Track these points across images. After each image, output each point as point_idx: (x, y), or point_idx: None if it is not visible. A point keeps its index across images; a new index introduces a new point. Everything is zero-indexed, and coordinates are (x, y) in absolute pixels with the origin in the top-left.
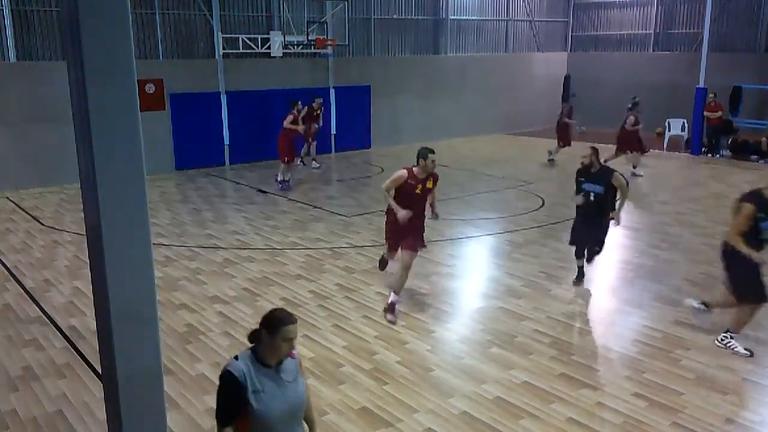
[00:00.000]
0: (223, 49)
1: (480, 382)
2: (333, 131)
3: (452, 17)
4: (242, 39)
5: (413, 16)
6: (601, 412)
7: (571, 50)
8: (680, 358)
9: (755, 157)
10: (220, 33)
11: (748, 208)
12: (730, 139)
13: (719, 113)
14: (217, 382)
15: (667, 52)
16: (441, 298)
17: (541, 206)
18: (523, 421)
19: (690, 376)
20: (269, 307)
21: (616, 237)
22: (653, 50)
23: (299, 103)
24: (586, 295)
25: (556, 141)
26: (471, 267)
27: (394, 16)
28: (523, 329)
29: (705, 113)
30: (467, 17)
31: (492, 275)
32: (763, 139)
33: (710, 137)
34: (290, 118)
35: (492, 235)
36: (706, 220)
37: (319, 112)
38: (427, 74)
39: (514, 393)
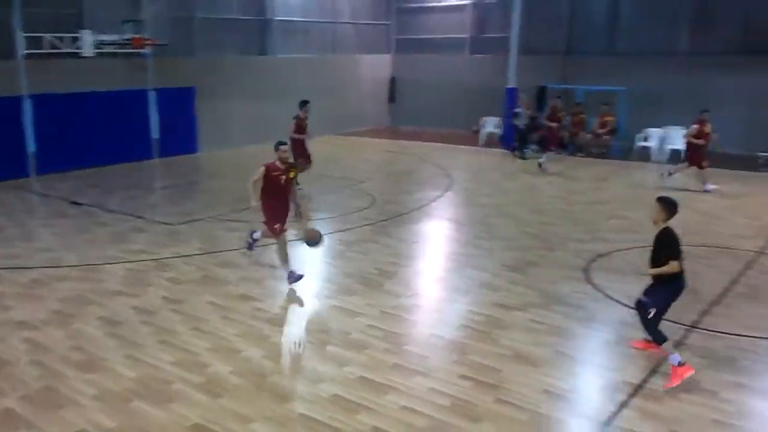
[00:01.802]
0: (26, 49)
1: (316, 381)
2: (155, 136)
3: (278, 18)
4: (48, 38)
5: (238, 16)
6: (432, 397)
7: (395, 53)
8: (499, 338)
9: (554, 149)
10: (20, 31)
11: None
12: (538, 135)
13: (528, 111)
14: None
15: (481, 55)
16: (276, 302)
17: (372, 204)
18: (359, 416)
19: (508, 353)
20: (86, 329)
21: (443, 231)
22: (469, 53)
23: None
24: (417, 287)
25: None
26: (304, 268)
27: (219, 16)
28: (356, 325)
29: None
30: (293, 18)
31: (325, 275)
32: (565, 134)
33: (520, 135)
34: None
35: (324, 235)
36: (520, 210)
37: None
38: (256, 76)
39: (350, 389)
